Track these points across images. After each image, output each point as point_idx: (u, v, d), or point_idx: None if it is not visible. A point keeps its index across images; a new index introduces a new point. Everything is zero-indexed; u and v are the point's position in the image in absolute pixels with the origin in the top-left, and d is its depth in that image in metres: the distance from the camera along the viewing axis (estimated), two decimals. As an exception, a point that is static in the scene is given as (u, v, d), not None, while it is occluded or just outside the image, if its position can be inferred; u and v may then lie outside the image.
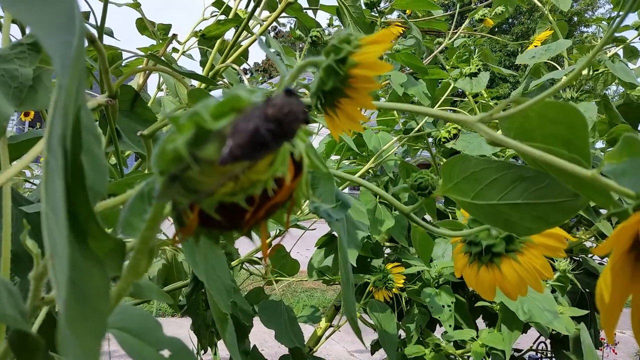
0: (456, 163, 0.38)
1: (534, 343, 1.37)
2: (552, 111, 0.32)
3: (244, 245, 1.12)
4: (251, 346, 0.90)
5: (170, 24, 1.17)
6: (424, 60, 1.54)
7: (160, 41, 1.13)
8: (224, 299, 0.50)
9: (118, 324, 0.26)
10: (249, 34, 0.98)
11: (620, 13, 0.31)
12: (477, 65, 1.14)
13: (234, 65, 0.76)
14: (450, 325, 1.02)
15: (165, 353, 0.26)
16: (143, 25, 1.17)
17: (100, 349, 0.15)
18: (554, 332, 1.08)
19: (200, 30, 0.91)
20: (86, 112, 0.23)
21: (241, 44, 0.97)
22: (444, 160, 1.42)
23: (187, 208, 0.17)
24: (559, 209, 0.34)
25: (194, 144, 0.15)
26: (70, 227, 0.17)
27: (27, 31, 0.43)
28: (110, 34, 0.78)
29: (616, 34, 1.39)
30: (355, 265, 0.82)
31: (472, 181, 0.37)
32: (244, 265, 1.18)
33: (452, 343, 1.09)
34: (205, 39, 0.88)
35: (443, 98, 1.26)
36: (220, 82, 0.90)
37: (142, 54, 1.00)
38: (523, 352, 1.35)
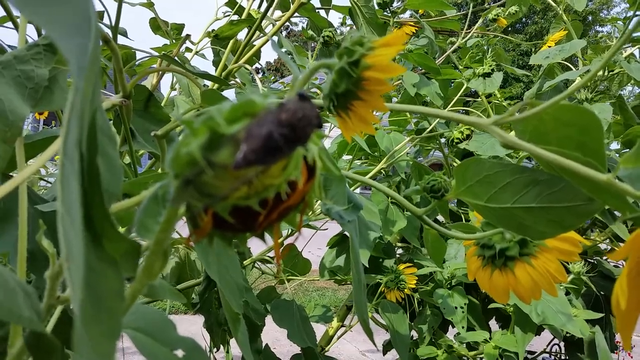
0: (470, 166, 0.38)
1: (547, 345, 1.36)
2: (566, 114, 0.32)
3: (256, 245, 1.12)
4: (263, 345, 0.91)
5: (184, 24, 1.18)
6: (436, 60, 1.53)
7: (174, 41, 1.14)
8: (236, 299, 0.51)
9: (132, 324, 0.26)
10: (262, 34, 0.99)
11: (637, 13, 0.30)
12: (490, 66, 1.13)
13: (247, 66, 0.76)
14: (463, 327, 1.01)
15: (179, 352, 0.26)
16: (156, 25, 1.18)
17: (115, 351, 0.15)
18: (568, 335, 1.07)
19: (214, 30, 0.91)
20: (101, 113, 0.23)
21: (254, 44, 0.98)
22: (457, 161, 1.41)
23: (202, 211, 0.17)
24: (573, 212, 0.33)
25: (208, 148, 0.15)
26: (86, 229, 0.18)
27: (43, 32, 0.43)
28: (124, 34, 0.78)
29: (632, 34, 1.37)
30: (367, 266, 0.82)
31: (485, 184, 0.37)
32: (255, 265, 1.18)
33: (464, 345, 1.08)
34: (219, 39, 0.88)
35: (456, 98, 1.25)
36: (233, 82, 0.90)
37: (156, 54, 1.01)
38: (537, 354, 1.33)
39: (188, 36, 0.82)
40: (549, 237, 0.37)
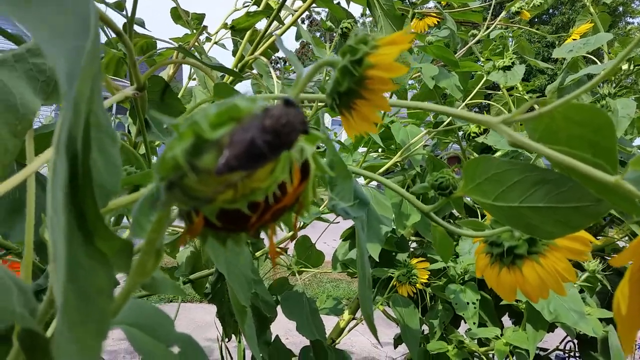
0: (478, 163, 0.37)
1: (560, 342, 1.34)
2: (578, 113, 0.31)
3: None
4: (274, 335, 0.91)
5: (204, 14, 1.18)
6: (458, 52, 1.51)
7: (194, 30, 1.14)
8: (243, 291, 0.51)
9: (127, 319, 0.26)
10: (281, 25, 0.98)
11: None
12: (510, 59, 1.11)
13: (262, 57, 0.76)
14: (474, 323, 1.01)
15: (175, 349, 0.26)
16: (177, 14, 1.18)
17: (100, 349, 0.15)
18: (581, 333, 1.06)
19: (233, 21, 0.91)
20: (102, 112, 0.23)
21: (273, 33, 0.98)
22: (475, 154, 1.40)
23: (192, 211, 0.17)
24: (581, 213, 0.33)
25: (192, 152, 0.15)
26: (78, 227, 0.18)
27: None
28: (142, 24, 0.79)
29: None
30: (377, 260, 0.82)
31: (493, 182, 0.36)
32: (269, 256, 1.19)
33: (475, 340, 1.08)
34: (235, 30, 0.88)
35: (475, 91, 1.24)
36: (249, 73, 0.90)
37: (175, 44, 1.01)
38: (549, 351, 1.32)
39: (204, 27, 0.83)
40: (556, 237, 0.37)
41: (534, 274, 0.41)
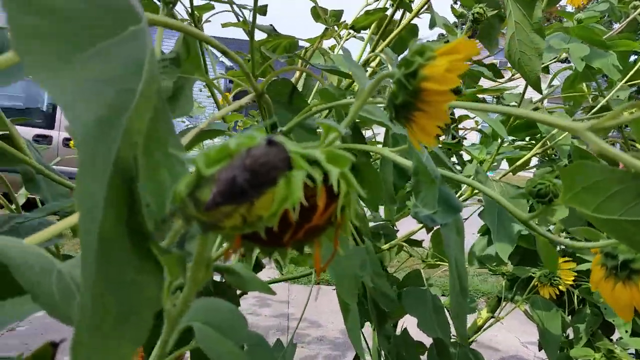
0: (577, 170, 0.34)
1: None
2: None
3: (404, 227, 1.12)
4: (404, 327, 0.91)
5: (342, 10, 1.21)
6: (619, 27, 1.34)
7: (336, 27, 1.18)
8: (349, 291, 0.53)
9: (200, 318, 0.29)
10: (414, 13, 0.97)
11: None
12: (676, 34, 0.96)
13: (381, 55, 0.76)
14: (626, 331, 0.91)
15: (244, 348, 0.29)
16: (317, 13, 1.23)
17: (132, 356, 0.18)
18: None
19: (352, 20, 0.93)
20: (174, 140, 0.27)
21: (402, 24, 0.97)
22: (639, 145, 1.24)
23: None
24: (693, 230, 0.28)
25: (195, 186, 0.17)
26: (132, 240, 0.21)
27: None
28: (271, 31, 0.84)
29: None
30: (506, 261, 0.78)
31: (592, 192, 0.33)
32: (404, 248, 1.19)
33: (632, 351, 0.97)
34: (355, 30, 0.89)
35: (633, 71, 1.09)
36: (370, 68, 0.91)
37: (307, 44, 1.07)
38: None
39: (325, 30, 0.85)
40: (664, 256, 0.32)
41: (652, 291, 0.37)
